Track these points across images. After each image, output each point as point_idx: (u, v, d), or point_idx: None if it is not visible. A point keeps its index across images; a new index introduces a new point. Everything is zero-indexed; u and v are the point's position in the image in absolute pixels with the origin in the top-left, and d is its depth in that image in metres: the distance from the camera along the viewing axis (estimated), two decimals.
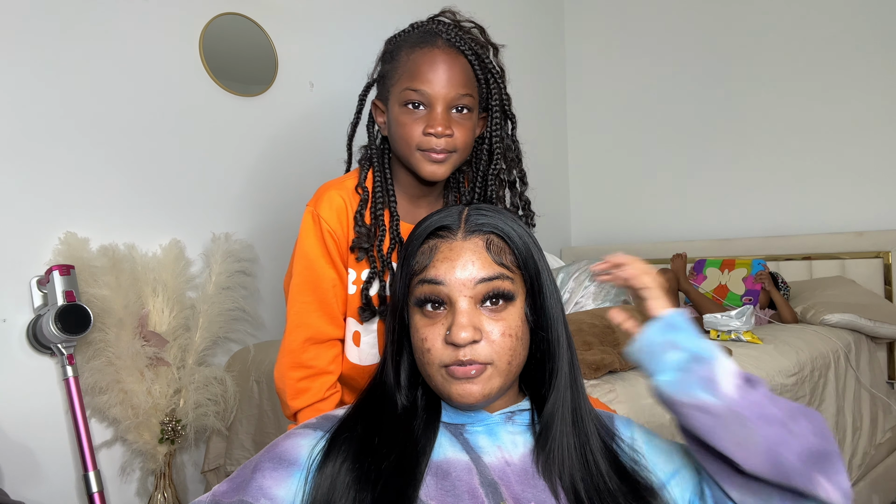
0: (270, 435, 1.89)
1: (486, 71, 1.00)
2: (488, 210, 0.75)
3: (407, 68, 0.97)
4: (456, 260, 0.70)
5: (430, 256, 0.71)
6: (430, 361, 0.70)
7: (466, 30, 1.02)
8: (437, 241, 0.73)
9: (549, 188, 3.50)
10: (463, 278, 0.69)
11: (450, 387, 0.69)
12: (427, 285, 0.70)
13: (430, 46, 0.96)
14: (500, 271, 0.70)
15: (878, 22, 2.65)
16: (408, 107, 0.96)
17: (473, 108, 0.98)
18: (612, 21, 3.48)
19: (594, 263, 0.77)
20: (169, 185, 2.04)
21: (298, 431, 0.73)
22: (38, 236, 1.76)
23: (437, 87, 0.94)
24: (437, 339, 0.69)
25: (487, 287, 0.69)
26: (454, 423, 0.74)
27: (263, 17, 2.27)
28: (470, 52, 0.98)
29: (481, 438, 0.72)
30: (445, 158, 0.97)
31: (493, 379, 0.69)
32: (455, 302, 0.69)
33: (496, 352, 0.69)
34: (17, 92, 1.74)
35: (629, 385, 1.35)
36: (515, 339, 0.70)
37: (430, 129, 0.94)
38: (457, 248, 0.71)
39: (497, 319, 0.70)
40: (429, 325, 0.70)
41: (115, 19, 1.93)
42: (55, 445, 1.77)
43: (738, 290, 2.56)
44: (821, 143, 2.78)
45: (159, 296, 1.85)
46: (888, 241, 2.55)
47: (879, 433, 2.08)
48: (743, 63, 2.99)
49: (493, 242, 0.72)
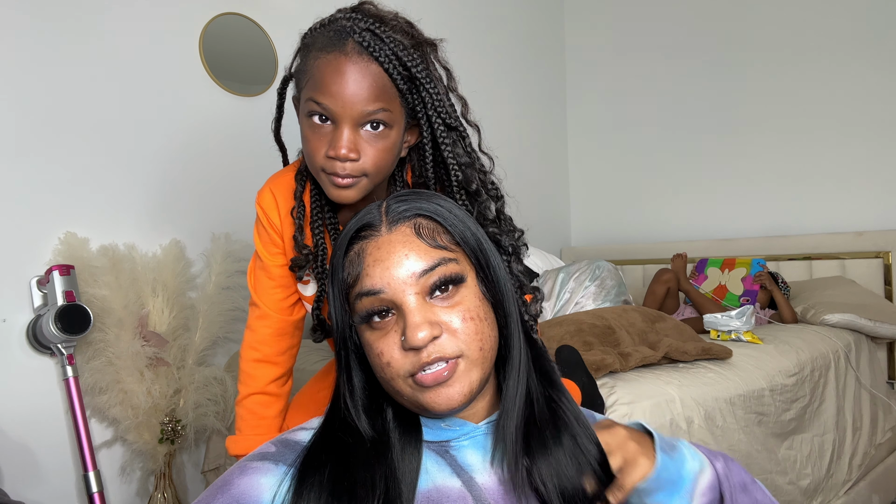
0: None
1: (411, 78, 0.83)
2: (407, 195, 0.66)
3: (312, 75, 0.83)
4: (387, 259, 0.62)
5: (359, 263, 0.63)
6: (393, 376, 0.61)
7: (390, 26, 0.83)
8: (362, 243, 0.64)
9: (549, 188, 3.50)
10: (402, 277, 0.61)
11: (422, 397, 0.60)
12: (366, 298, 0.62)
13: (337, 52, 0.81)
14: (440, 256, 0.62)
15: (878, 22, 2.65)
16: (313, 118, 0.83)
17: (393, 122, 0.84)
18: (612, 21, 3.48)
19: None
20: (169, 185, 2.04)
21: (255, 465, 0.62)
22: (38, 236, 1.76)
23: (343, 102, 0.80)
24: (394, 348, 0.61)
25: (431, 277, 0.61)
26: (437, 440, 0.66)
27: (263, 17, 2.27)
28: (386, 56, 0.81)
29: (470, 455, 0.65)
30: (353, 183, 0.84)
31: (471, 371, 0.61)
32: (401, 304, 0.61)
33: (463, 341, 0.61)
34: (16, 92, 1.74)
35: (630, 385, 1.34)
36: (479, 320, 0.62)
37: (331, 153, 0.82)
38: (384, 244, 0.63)
39: (452, 307, 0.62)
40: (380, 337, 0.62)
41: (115, 19, 1.93)
42: (55, 445, 1.77)
43: (736, 291, 2.56)
44: (821, 143, 2.78)
45: (159, 296, 1.85)
46: (888, 241, 2.55)
47: (879, 433, 2.08)
48: (743, 63, 2.99)
49: (423, 226, 0.64)
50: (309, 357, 1.88)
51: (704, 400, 1.39)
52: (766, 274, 2.45)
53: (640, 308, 1.80)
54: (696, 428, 1.34)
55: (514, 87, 3.32)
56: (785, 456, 1.62)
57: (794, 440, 1.68)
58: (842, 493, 1.84)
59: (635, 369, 1.47)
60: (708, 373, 1.50)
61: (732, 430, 1.44)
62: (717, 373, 1.52)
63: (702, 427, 1.35)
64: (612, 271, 2.23)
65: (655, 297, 2.57)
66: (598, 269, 2.20)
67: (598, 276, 2.18)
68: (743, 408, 1.49)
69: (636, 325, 1.64)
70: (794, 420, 1.68)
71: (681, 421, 1.31)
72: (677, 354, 1.54)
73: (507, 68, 3.27)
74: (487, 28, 3.12)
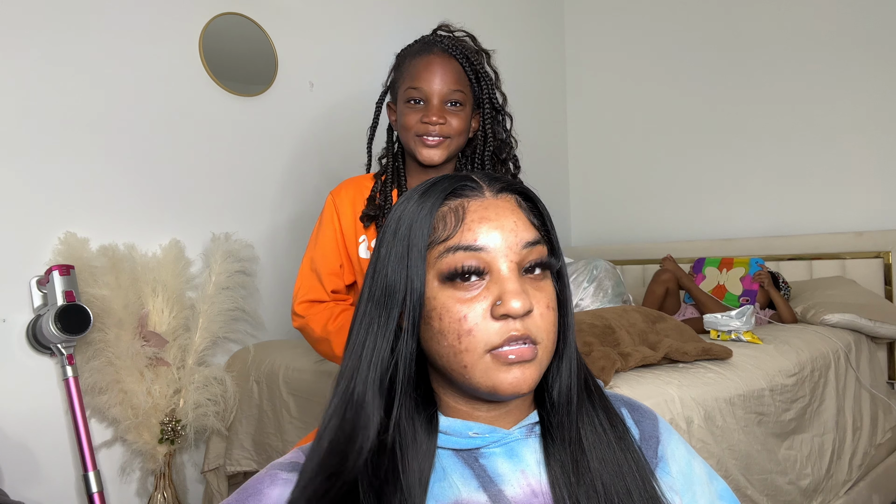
0: (270, 435, 1.89)
1: (476, 72, 1.17)
2: (486, 174, 0.63)
3: (409, 72, 1.15)
4: (496, 219, 0.58)
5: (457, 219, 0.58)
6: (471, 346, 0.55)
7: (460, 39, 1.21)
8: (462, 200, 0.59)
9: (549, 188, 3.49)
10: (508, 241, 0.57)
11: (498, 376, 0.55)
12: (462, 253, 0.56)
13: (427, 53, 1.15)
14: (538, 235, 0.59)
15: (878, 22, 2.64)
16: (410, 103, 1.15)
17: (466, 103, 1.16)
18: (612, 21, 3.48)
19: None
20: (169, 185, 2.04)
21: (286, 477, 0.58)
22: (38, 236, 1.76)
23: (433, 84, 1.13)
24: (480, 314, 0.56)
25: (531, 252, 0.58)
26: (466, 448, 0.60)
27: (263, 17, 2.27)
28: (461, 56, 1.15)
29: (501, 463, 0.60)
30: (439, 143, 1.14)
31: (542, 363, 0.57)
32: (499, 269, 0.56)
33: (545, 328, 0.57)
34: (17, 92, 1.74)
35: (630, 385, 1.34)
36: (554, 312, 0.59)
37: (426, 119, 1.13)
38: (491, 206, 0.59)
39: (540, 290, 0.58)
40: (464, 300, 0.56)
41: (115, 19, 1.93)
42: (55, 445, 1.77)
43: (735, 291, 2.55)
44: (821, 143, 2.78)
45: (159, 296, 1.85)
46: (888, 241, 2.55)
47: (879, 433, 2.08)
48: (743, 63, 2.99)
49: (522, 205, 0.61)
50: (309, 357, 1.88)
51: (704, 400, 1.39)
52: (766, 273, 2.45)
53: (641, 308, 1.79)
54: (696, 428, 1.34)
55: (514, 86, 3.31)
56: (785, 456, 1.62)
57: (794, 440, 1.68)
58: (842, 493, 1.84)
59: (635, 369, 1.47)
60: (708, 373, 1.50)
61: (732, 430, 1.44)
62: (717, 373, 1.52)
63: (702, 427, 1.35)
64: (610, 271, 2.22)
65: (654, 297, 2.57)
66: (595, 270, 2.20)
67: (595, 277, 2.18)
68: (743, 408, 1.49)
69: (636, 326, 1.64)
70: (794, 420, 1.68)
71: (681, 421, 1.31)
72: (677, 355, 1.54)
73: (508, 68, 3.26)
74: (487, 28, 3.11)
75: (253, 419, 1.96)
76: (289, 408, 1.86)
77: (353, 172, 1.37)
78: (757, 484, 1.48)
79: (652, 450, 0.66)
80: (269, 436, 1.90)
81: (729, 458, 1.41)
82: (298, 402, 1.84)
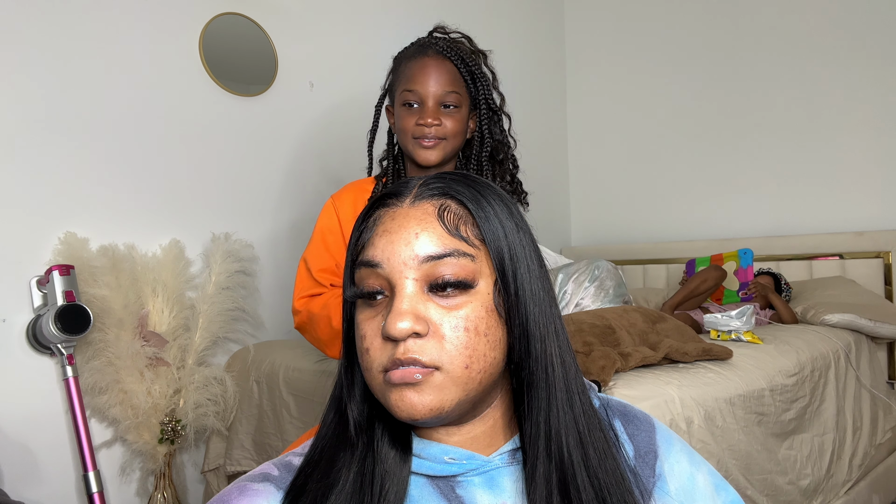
0: (270, 435, 1.89)
1: (472, 73, 1.17)
2: (455, 175, 0.58)
3: (405, 75, 1.16)
4: (396, 232, 0.54)
5: (370, 231, 0.56)
6: (369, 366, 0.54)
7: (455, 40, 1.21)
8: (381, 210, 0.57)
9: (549, 188, 3.49)
10: (405, 256, 0.53)
11: (391, 399, 0.52)
12: (364, 269, 0.55)
13: (421, 56, 1.16)
14: (455, 246, 0.53)
15: (878, 22, 2.65)
16: (406, 106, 1.16)
17: (461, 104, 1.17)
18: (612, 21, 3.48)
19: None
20: (169, 185, 2.04)
21: (256, 488, 0.55)
22: (38, 236, 1.76)
23: (427, 87, 1.13)
24: (377, 335, 0.53)
25: (437, 267, 0.53)
26: (442, 475, 0.56)
27: (263, 17, 2.27)
28: (456, 57, 1.16)
29: (480, 495, 0.56)
30: (436, 145, 1.15)
31: (446, 390, 0.52)
32: (395, 285, 0.53)
33: (447, 352, 0.51)
34: (16, 92, 1.74)
35: (630, 385, 1.34)
36: (476, 334, 0.52)
37: (421, 121, 1.14)
38: (399, 216, 0.55)
39: (450, 309, 0.53)
40: (369, 318, 0.55)
41: (115, 19, 1.92)
42: (55, 445, 1.77)
43: (732, 286, 2.55)
44: (821, 143, 2.78)
45: (159, 296, 1.85)
46: (888, 241, 2.55)
47: (880, 433, 2.08)
48: (743, 63, 2.99)
49: (449, 209, 0.55)
50: (309, 357, 1.88)
51: (704, 400, 1.39)
52: (759, 284, 2.42)
53: (641, 308, 1.79)
54: (696, 428, 1.34)
55: (514, 86, 3.31)
56: (785, 456, 1.62)
57: (794, 440, 1.68)
58: (842, 494, 1.84)
59: (635, 369, 1.47)
60: (708, 373, 1.50)
61: (732, 430, 1.44)
62: (717, 373, 1.52)
63: (702, 427, 1.35)
64: (612, 271, 2.22)
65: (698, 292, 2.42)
66: (596, 270, 2.19)
67: (596, 277, 2.17)
68: (743, 408, 1.49)
69: (637, 326, 1.64)
70: (794, 420, 1.68)
71: (680, 421, 1.31)
72: (678, 355, 1.54)
73: (507, 68, 3.26)
74: (487, 28, 3.12)
75: (253, 419, 1.96)
76: (289, 408, 1.86)
77: (354, 173, 1.38)
78: (757, 484, 1.49)
79: (649, 467, 0.62)
80: (269, 436, 1.90)
81: (729, 458, 1.41)
82: (298, 402, 1.84)
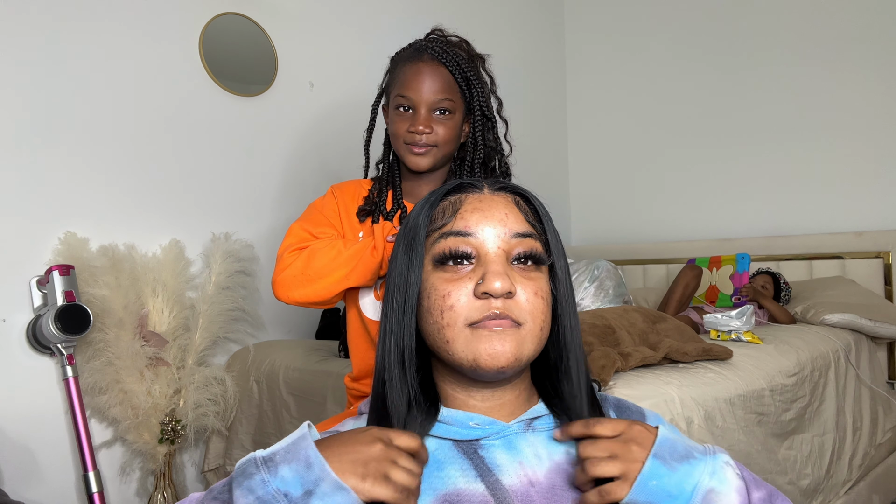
0: (270, 435, 1.89)
1: (467, 79, 1.15)
2: (502, 180, 0.70)
3: (399, 79, 1.14)
4: (488, 210, 0.64)
5: (453, 210, 0.64)
6: (452, 321, 0.60)
7: (452, 44, 1.18)
8: (460, 195, 0.66)
9: (549, 188, 3.49)
10: (497, 230, 0.63)
11: (476, 346, 0.59)
12: (452, 238, 0.62)
13: (416, 60, 1.13)
14: (531, 230, 0.65)
15: (879, 22, 2.65)
16: (399, 110, 1.14)
17: (455, 110, 1.14)
18: (612, 20, 3.48)
19: (567, 427, 0.64)
20: (169, 185, 2.04)
21: (222, 498, 0.57)
22: (38, 236, 1.76)
23: (421, 93, 1.11)
24: (463, 293, 0.60)
25: (521, 244, 0.63)
26: (467, 439, 0.63)
27: (263, 17, 2.27)
28: (451, 63, 1.13)
29: (499, 455, 0.62)
30: (426, 152, 1.13)
31: (526, 343, 0.61)
32: (486, 253, 0.62)
33: (530, 312, 0.61)
34: (16, 92, 1.74)
35: (630, 385, 1.34)
36: (546, 303, 0.63)
37: (412, 128, 1.12)
38: (486, 199, 0.65)
39: (529, 279, 0.62)
40: (452, 280, 0.62)
41: (115, 19, 1.93)
42: (55, 445, 1.77)
43: (726, 290, 2.54)
44: (821, 143, 2.78)
45: (159, 296, 1.85)
46: (888, 241, 2.55)
47: (880, 433, 2.08)
48: (743, 63, 2.99)
49: (520, 204, 0.66)
50: (309, 357, 1.88)
51: (704, 400, 1.39)
52: (751, 288, 2.41)
53: (641, 308, 1.79)
54: (696, 428, 1.34)
55: (514, 87, 3.31)
56: (785, 456, 1.62)
57: (794, 440, 1.68)
58: (842, 493, 1.84)
59: (635, 369, 1.47)
60: (708, 373, 1.50)
61: (732, 430, 1.44)
62: (717, 373, 1.52)
63: (702, 427, 1.35)
64: (611, 271, 2.22)
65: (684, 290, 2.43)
66: (596, 270, 2.20)
67: (596, 277, 2.18)
68: (743, 408, 1.49)
69: (637, 326, 1.64)
70: (794, 420, 1.68)
71: (680, 421, 1.31)
72: (678, 355, 1.54)
73: (507, 69, 3.26)
74: (487, 28, 3.12)
75: (253, 419, 1.96)
76: (289, 408, 1.86)
77: (353, 172, 1.37)
78: None
79: None
80: (269, 436, 1.90)
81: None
82: (298, 402, 1.84)
